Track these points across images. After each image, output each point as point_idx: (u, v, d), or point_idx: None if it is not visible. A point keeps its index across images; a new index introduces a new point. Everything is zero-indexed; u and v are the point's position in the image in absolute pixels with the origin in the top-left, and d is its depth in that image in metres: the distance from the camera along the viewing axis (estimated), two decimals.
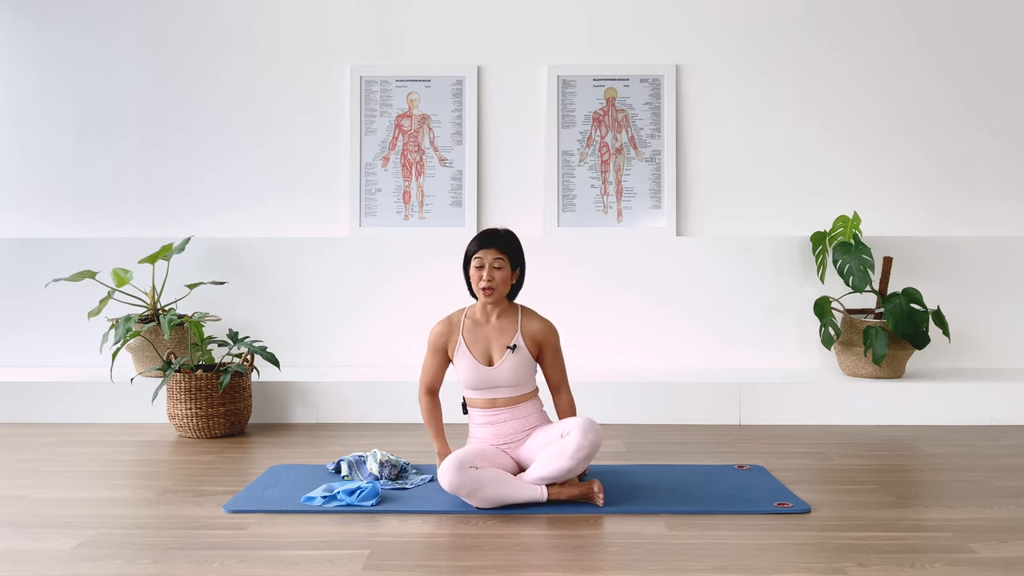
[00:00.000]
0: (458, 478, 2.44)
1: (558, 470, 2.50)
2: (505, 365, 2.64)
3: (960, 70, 4.41)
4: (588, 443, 2.48)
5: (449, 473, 2.45)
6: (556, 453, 2.51)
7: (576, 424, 2.52)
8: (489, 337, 2.68)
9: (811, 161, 4.43)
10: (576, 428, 2.51)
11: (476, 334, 2.69)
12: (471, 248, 2.69)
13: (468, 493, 2.46)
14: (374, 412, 3.81)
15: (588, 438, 2.49)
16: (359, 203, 4.44)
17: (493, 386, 2.65)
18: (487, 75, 4.47)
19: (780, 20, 4.42)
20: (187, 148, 4.49)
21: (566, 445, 2.50)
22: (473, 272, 2.67)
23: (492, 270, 2.64)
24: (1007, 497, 2.62)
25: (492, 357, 2.67)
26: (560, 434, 2.56)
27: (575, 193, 4.44)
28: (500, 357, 2.65)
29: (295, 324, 4.36)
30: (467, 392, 2.71)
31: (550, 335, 2.71)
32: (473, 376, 2.65)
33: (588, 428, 2.50)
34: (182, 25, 4.47)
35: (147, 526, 2.37)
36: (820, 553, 2.14)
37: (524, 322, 2.70)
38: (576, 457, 2.48)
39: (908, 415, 3.75)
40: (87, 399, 3.83)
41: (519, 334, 2.67)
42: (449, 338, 2.71)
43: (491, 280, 2.63)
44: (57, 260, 4.30)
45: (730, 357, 4.31)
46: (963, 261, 4.34)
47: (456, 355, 2.69)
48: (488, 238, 2.67)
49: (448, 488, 2.46)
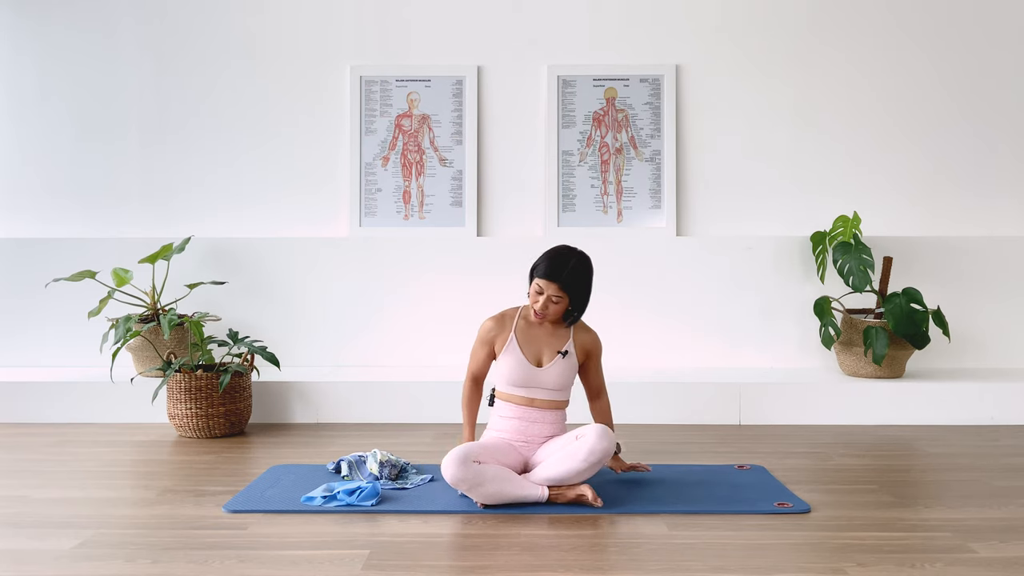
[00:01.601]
0: (460, 472, 2.45)
1: (567, 471, 2.51)
2: (554, 368, 2.67)
3: (959, 70, 4.41)
4: (601, 448, 2.49)
5: (452, 467, 2.46)
6: (569, 454, 2.52)
7: (592, 428, 2.55)
8: (541, 340, 2.71)
9: (811, 161, 4.43)
10: (591, 432, 2.53)
11: (529, 334, 2.71)
12: (539, 270, 2.64)
13: (470, 487, 2.46)
14: (374, 412, 3.81)
15: (602, 443, 2.50)
16: (359, 203, 4.44)
17: (536, 386, 2.68)
18: (487, 75, 4.47)
19: (780, 20, 4.42)
20: (187, 148, 4.49)
21: (579, 447, 2.51)
22: (532, 294, 2.67)
23: (548, 302, 2.63)
24: (1007, 497, 2.62)
25: (542, 359, 2.69)
26: (575, 437, 2.58)
27: (575, 193, 4.44)
28: (550, 360, 2.69)
29: (295, 324, 4.36)
30: (507, 388, 2.71)
31: (597, 346, 2.78)
32: (520, 374, 2.67)
33: (603, 434, 2.52)
34: (182, 25, 4.46)
35: (147, 526, 2.37)
36: (820, 553, 2.14)
37: (576, 331, 2.74)
38: (588, 460, 2.49)
39: (908, 415, 3.75)
40: (87, 399, 3.83)
41: (571, 341, 2.71)
42: (499, 335, 2.72)
43: (544, 309, 2.64)
44: (57, 260, 4.30)
45: (730, 357, 4.31)
46: (963, 261, 4.34)
47: (504, 351, 2.70)
48: (555, 271, 2.61)
49: (450, 481, 2.46)
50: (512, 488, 2.49)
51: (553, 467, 2.53)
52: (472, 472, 2.46)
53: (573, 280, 2.63)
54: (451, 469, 2.45)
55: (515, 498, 2.50)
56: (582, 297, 2.68)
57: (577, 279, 2.64)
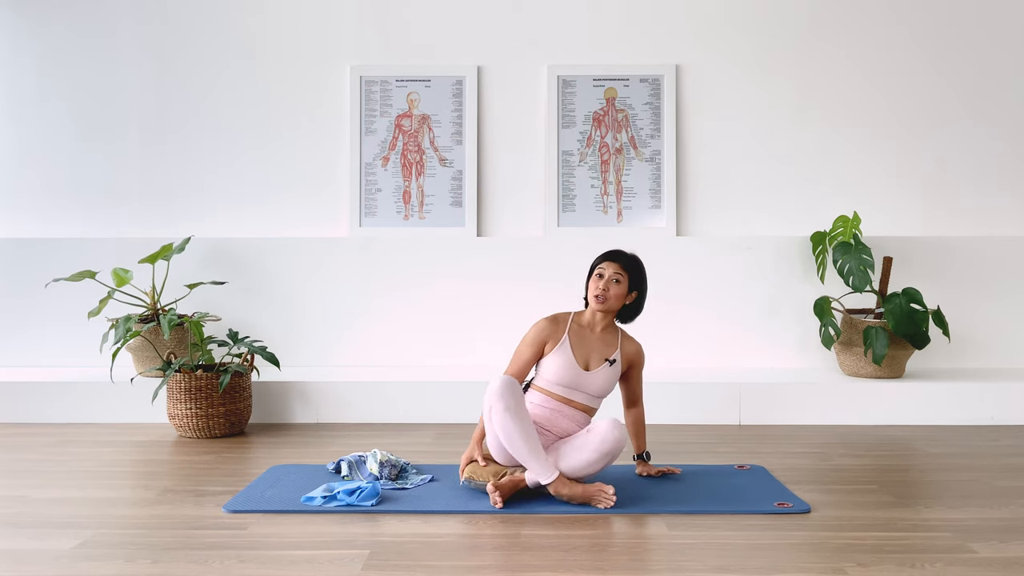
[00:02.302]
0: (507, 389, 2.50)
1: (578, 462, 2.52)
2: (600, 374, 2.71)
3: (960, 70, 4.41)
4: (613, 438, 2.51)
5: (502, 382, 2.51)
6: (579, 445, 2.56)
7: (603, 420, 2.58)
8: (592, 345, 2.74)
9: (811, 161, 4.43)
10: (603, 423, 2.57)
11: (581, 338, 2.75)
12: (597, 259, 2.78)
13: (504, 407, 2.48)
14: (374, 412, 3.81)
15: (613, 433, 2.52)
16: (359, 203, 4.44)
17: (579, 389, 2.70)
18: (487, 75, 4.47)
19: (780, 21, 4.42)
20: (187, 148, 4.49)
21: (590, 438, 2.55)
22: (593, 280, 2.75)
23: (609, 282, 2.71)
24: (1007, 497, 2.62)
25: (590, 363, 2.72)
26: (586, 431, 2.61)
27: (575, 193, 4.44)
28: (597, 366, 2.72)
29: (295, 324, 4.36)
30: (550, 386, 2.71)
31: (641, 357, 2.83)
32: (567, 375, 2.69)
33: (614, 424, 2.55)
34: (182, 25, 4.47)
35: (147, 526, 2.37)
36: (820, 553, 2.14)
37: (624, 342, 2.79)
38: (600, 450, 2.51)
39: (908, 415, 3.75)
40: (87, 399, 3.83)
41: (619, 351, 2.75)
42: (552, 335, 2.75)
43: (606, 291, 2.70)
44: (57, 260, 4.30)
45: (730, 357, 4.31)
46: (963, 261, 4.34)
47: (555, 351, 2.72)
48: (615, 254, 2.76)
49: (495, 390, 2.50)
50: (531, 445, 2.49)
51: (564, 458, 2.54)
52: (516, 400, 2.50)
53: (634, 264, 2.75)
54: (500, 382, 2.50)
55: (525, 459, 2.49)
56: (641, 285, 2.77)
57: (637, 265, 2.76)
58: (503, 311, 4.25)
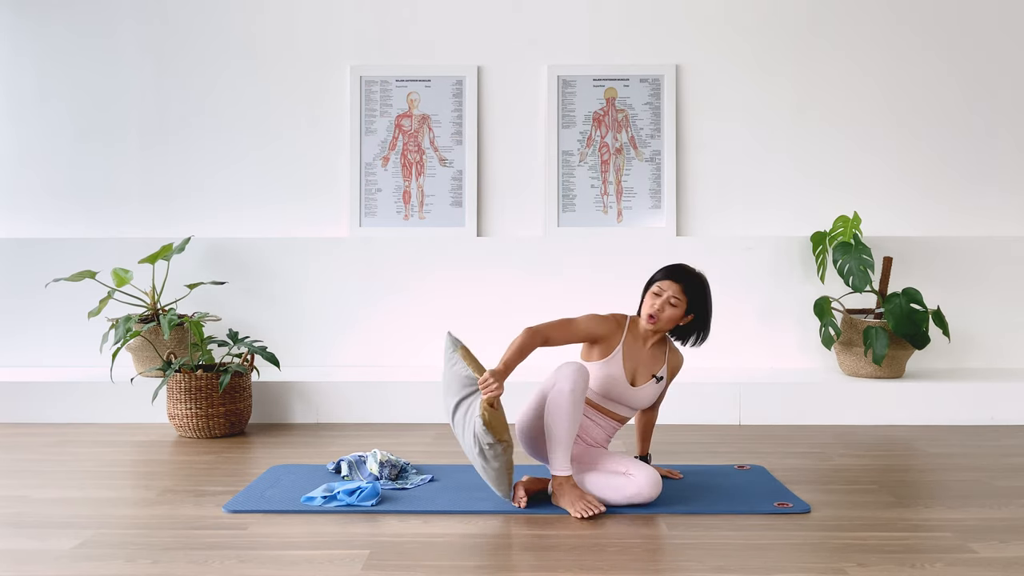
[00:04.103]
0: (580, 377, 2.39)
1: (600, 493, 2.47)
2: (645, 390, 2.62)
3: (960, 70, 4.41)
4: (646, 495, 2.46)
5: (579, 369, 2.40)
6: (614, 485, 2.47)
7: (644, 472, 2.47)
8: (640, 359, 2.62)
9: (811, 161, 4.43)
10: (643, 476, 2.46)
11: (633, 349, 2.62)
12: (658, 274, 2.64)
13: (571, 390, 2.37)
14: (374, 412, 3.81)
15: (650, 492, 2.45)
16: (359, 203, 4.44)
17: (622, 403, 2.61)
18: (487, 75, 4.47)
19: (780, 21, 4.42)
20: (187, 148, 4.49)
21: (627, 486, 2.46)
22: (649, 296, 2.61)
23: (665, 304, 2.57)
24: (1007, 497, 2.62)
25: (636, 378, 2.62)
26: (624, 470, 2.51)
27: (575, 193, 4.44)
28: (644, 381, 2.62)
29: (295, 324, 4.36)
30: (591, 395, 2.60)
31: (680, 368, 2.73)
32: (612, 387, 2.58)
33: (654, 484, 2.46)
34: (182, 25, 4.47)
35: (147, 526, 2.37)
36: (820, 553, 2.14)
37: (671, 355, 2.68)
38: (628, 500, 2.46)
39: (908, 415, 3.75)
40: (87, 399, 3.83)
41: (665, 366, 2.66)
42: (607, 337, 2.60)
43: (660, 311, 2.56)
44: (57, 260, 4.30)
45: (730, 357, 4.31)
46: (963, 261, 4.34)
47: (605, 362, 2.59)
48: (679, 273, 2.61)
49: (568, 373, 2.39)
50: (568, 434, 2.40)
51: (591, 481, 2.50)
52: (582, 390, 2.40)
53: (696, 286, 2.59)
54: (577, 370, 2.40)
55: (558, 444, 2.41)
56: (703, 310, 2.62)
57: (700, 288, 2.61)
58: (503, 311, 4.24)
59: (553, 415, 2.41)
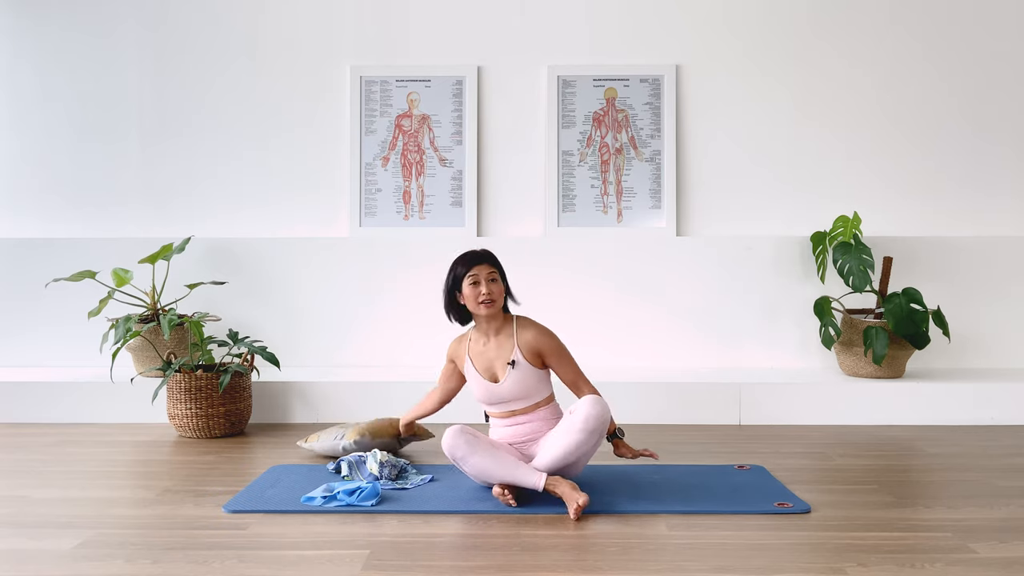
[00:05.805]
0: (453, 438, 2.51)
1: (567, 446, 2.50)
2: (509, 381, 2.67)
3: (960, 70, 4.41)
4: (596, 414, 2.49)
5: (449, 435, 2.52)
6: (566, 429, 2.53)
7: (583, 399, 2.54)
8: (491, 356, 2.72)
9: (811, 161, 4.43)
10: (583, 402, 2.53)
11: (480, 353, 2.74)
12: (461, 270, 2.70)
13: (462, 456, 2.50)
14: (374, 412, 3.81)
15: (595, 409, 2.49)
16: (359, 203, 4.44)
17: (502, 401, 2.69)
18: (487, 75, 4.47)
19: (780, 20, 4.42)
20: (187, 148, 4.49)
21: (574, 419, 2.51)
22: (468, 291, 2.68)
23: (488, 283, 2.68)
24: (1007, 497, 2.62)
25: (496, 374, 2.70)
26: (568, 412, 2.58)
27: (575, 193, 4.44)
28: (503, 374, 2.68)
29: (295, 324, 4.36)
30: (487, 408, 2.77)
31: (545, 340, 2.69)
32: (483, 393, 2.72)
33: (594, 401, 2.52)
34: (182, 25, 4.47)
35: (147, 526, 2.37)
36: (820, 553, 2.14)
37: (520, 334, 2.71)
38: (585, 429, 2.48)
39: (908, 415, 3.75)
40: (87, 399, 3.83)
41: (516, 348, 2.69)
42: (458, 357, 2.81)
43: (490, 292, 2.67)
44: (57, 260, 4.30)
45: (730, 357, 4.31)
46: (963, 261, 4.34)
47: (467, 373, 2.77)
48: (476, 257, 2.71)
49: (445, 449, 2.53)
50: (506, 469, 2.48)
51: (552, 449, 2.53)
52: (464, 440, 2.50)
53: (493, 257, 2.75)
54: (448, 437, 2.51)
55: (507, 479, 2.48)
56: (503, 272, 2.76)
57: (494, 256, 2.76)
58: None
59: (483, 477, 2.53)
